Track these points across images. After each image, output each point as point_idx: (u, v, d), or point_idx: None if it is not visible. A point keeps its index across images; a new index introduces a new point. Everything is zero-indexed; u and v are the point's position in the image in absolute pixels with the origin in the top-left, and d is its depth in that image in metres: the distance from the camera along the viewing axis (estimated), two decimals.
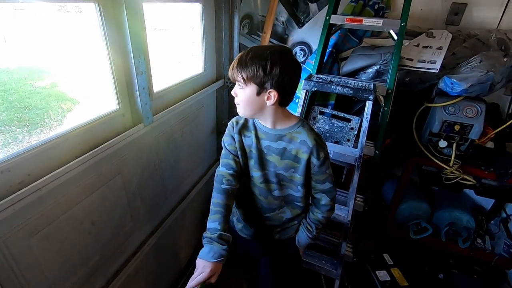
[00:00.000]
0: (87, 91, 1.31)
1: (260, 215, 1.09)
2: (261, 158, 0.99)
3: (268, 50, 0.83)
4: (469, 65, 1.44)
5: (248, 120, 1.00)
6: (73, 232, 0.94)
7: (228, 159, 1.02)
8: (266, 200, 1.04)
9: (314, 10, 1.97)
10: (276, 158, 0.96)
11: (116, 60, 1.00)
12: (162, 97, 1.29)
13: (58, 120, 1.21)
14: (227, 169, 1.01)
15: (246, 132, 1.00)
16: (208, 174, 1.86)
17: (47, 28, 1.08)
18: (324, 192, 1.01)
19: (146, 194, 1.29)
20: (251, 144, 0.99)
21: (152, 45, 1.18)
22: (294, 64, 0.86)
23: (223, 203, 0.95)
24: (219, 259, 0.85)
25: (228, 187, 0.98)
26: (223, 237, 0.88)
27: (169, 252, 1.64)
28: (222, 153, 1.05)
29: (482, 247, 1.86)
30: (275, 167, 0.98)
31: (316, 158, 0.93)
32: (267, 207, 1.06)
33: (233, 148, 1.01)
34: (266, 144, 0.96)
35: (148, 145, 1.25)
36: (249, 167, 1.02)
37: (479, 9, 1.68)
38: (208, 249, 0.86)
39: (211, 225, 0.91)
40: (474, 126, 1.53)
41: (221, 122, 1.93)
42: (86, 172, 0.93)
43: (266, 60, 0.81)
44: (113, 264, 1.16)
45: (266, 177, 1.00)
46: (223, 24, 1.68)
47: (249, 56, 0.82)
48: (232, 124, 1.03)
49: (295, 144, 0.94)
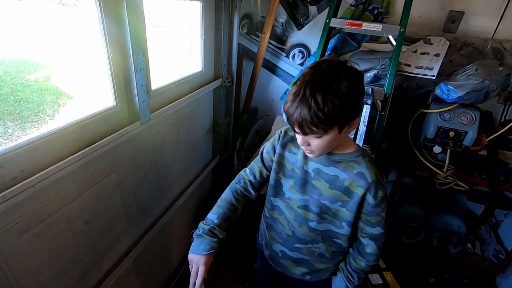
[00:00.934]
0: (82, 86, 1.28)
1: (290, 244, 0.97)
2: (305, 180, 0.87)
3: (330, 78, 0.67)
4: (465, 73, 1.46)
5: None
6: (65, 231, 0.92)
7: (256, 167, 0.97)
8: (301, 228, 0.92)
9: (313, 13, 1.97)
10: (324, 185, 0.85)
11: (114, 56, 0.98)
12: (159, 95, 1.27)
13: (51, 114, 1.18)
14: (249, 174, 0.98)
15: (293, 148, 0.89)
16: (202, 174, 1.85)
17: (43, 21, 1.05)
18: (372, 238, 0.89)
19: (140, 193, 1.27)
20: (296, 162, 0.88)
21: (151, 42, 1.16)
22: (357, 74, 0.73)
23: (230, 201, 0.94)
24: (210, 252, 0.85)
25: (241, 189, 0.96)
26: (215, 231, 0.87)
27: (162, 252, 1.62)
28: (255, 157, 0.99)
29: (472, 252, 1.88)
30: (320, 195, 0.86)
31: (373, 196, 0.81)
32: (300, 237, 0.93)
33: (269, 158, 0.93)
34: (316, 166, 0.85)
35: (144, 143, 1.24)
36: (284, 186, 0.91)
37: (475, 18, 1.70)
38: (199, 243, 0.87)
39: (210, 216, 0.92)
40: (469, 133, 1.55)
41: (218, 122, 1.92)
42: (80, 169, 0.91)
43: (341, 92, 0.66)
44: (105, 263, 1.14)
45: (307, 203, 0.88)
46: (222, 23, 1.67)
47: (319, 102, 0.65)
48: (279, 133, 0.92)
49: (350, 175, 0.82)
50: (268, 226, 1.03)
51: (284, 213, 0.94)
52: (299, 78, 0.72)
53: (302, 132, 0.72)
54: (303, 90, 0.67)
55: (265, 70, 2.21)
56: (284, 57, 2.15)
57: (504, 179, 1.54)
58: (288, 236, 0.96)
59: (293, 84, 0.75)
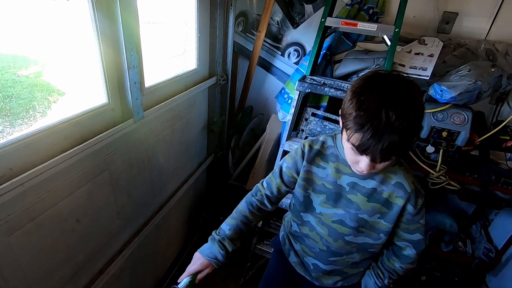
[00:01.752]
0: (75, 83, 1.26)
1: (324, 258, 0.94)
2: (338, 195, 0.83)
3: (409, 95, 0.62)
4: (458, 74, 1.48)
5: (326, 147, 0.85)
6: (56, 230, 0.91)
7: (274, 182, 0.92)
8: (336, 243, 0.88)
9: (309, 12, 1.97)
10: (362, 199, 0.81)
11: (107, 53, 0.96)
12: (153, 93, 1.26)
13: (42, 111, 1.16)
14: (266, 188, 0.94)
15: (321, 162, 0.85)
16: (197, 172, 1.84)
17: (34, 16, 1.03)
18: (411, 242, 0.86)
19: (133, 191, 1.26)
20: (326, 177, 0.84)
21: (145, 39, 1.15)
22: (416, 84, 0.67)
23: (244, 214, 0.93)
24: (212, 259, 0.86)
25: (257, 202, 0.94)
26: (225, 243, 0.87)
27: (156, 251, 1.61)
28: (273, 171, 0.94)
29: (463, 250, 1.91)
30: (358, 209, 0.82)
31: (413, 206, 0.79)
32: (335, 251, 0.90)
33: (289, 174, 0.89)
34: (351, 180, 0.81)
35: (138, 141, 1.22)
36: (314, 202, 0.87)
37: (469, 19, 1.72)
38: (209, 245, 0.88)
39: (223, 226, 0.92)
40: (461, 133, 1.56)
41: (212, 120, 1.91)
42: (72, 167, 0.89)
43: (419, 110, 0.63)
44: (97, 262, 1.13)
45: (342, 218, 0.84)
46: (217, 20, 1.66)
47: (407, 126, 0.60)
48: (302, 148, 0.86)
49: (388, 186, 0.79)
50: (297, 239, 0.99)
51: (316, 229, 0.90)
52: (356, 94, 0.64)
53: (380, 160, 0.66)
54: (384, 114, 0.59)
55: (261, 69, 2.21)
56: (279, 56, 2.15)
57: (495, 179, 1.57)
58: (321, 251, 0.92)
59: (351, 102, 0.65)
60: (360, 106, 0.63)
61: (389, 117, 0.59)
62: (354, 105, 0.64)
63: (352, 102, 0.65)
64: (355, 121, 0.63)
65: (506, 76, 1.45)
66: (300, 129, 1.67)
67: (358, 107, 0.63)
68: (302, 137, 1.65)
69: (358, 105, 0.63)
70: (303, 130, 1.66)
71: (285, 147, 1.55)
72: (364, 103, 0.62)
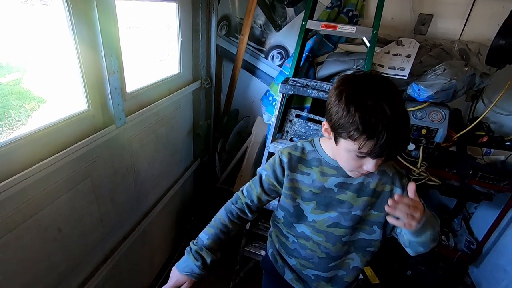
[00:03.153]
0: (55, 90, 1.24)
1: (324, 266, 0.91)
2: (328, 198, 0.82)
3: (395, 92, 0.65)
4: (434, 73, 1.53)
5: (306, 152, 0.83)
6: (36, 240, 0.88)
7: (254, 191, 0.88)
8: (334, 247, 0.86)
9: (291, 15, 2.00)
10: (352, 196, 0.81)
11: (86, 59, 0.95)
12: (136, 98, 1.25)
13: (22, 119, 1.13)
14: (246, 196, 0.89)
15: (305, 169, 0.82)
16: (183, 177, 1.83)
17: (12, 21, 1.01)
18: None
19: (118, 198, 1.24)
20: (312, 183, 0.82)
21: (126, 44, 1.14)
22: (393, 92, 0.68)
23: (223, 222, 0.89)
24: (188, 273, 0.83)
25: (237, 211, 0.90)
26: (203, 253, 0.84)
27: (143, 258, 1.59)
28: (253, 179, 0.90)
29: (446, 244, 1.97)
30: (351, 207, 0.81)
31: (400, 187, 0.80)
32: (334, 255, 0.88)
33: (270, 182, 0.86)
34: (338, 181, 0.80)
35: (121, 147, 1.21)
36: (305, 211, 0.85)
37: (443, 21, 1.79)
38: (185, 258, 0.85)
39: (201, 235, 0.88)
40: (439, 130, 1.62)
41: (198, 124, 1.91)
42: (51, 175, 0.88)
43: (402, 102, 0.65)
44: (81, 272, 1.11)
45: (337, 220, 0.83)
46: (200, 24, 1.66)
47: (405, 122, 0.64)
48: (280, 156, 0.83)
49: (373, 176, 0.80)
50: (292, 253, 0.95)
51: (312, 238, 0.88)
52: (351, 102, 0.63)
53: (387, 159, 0.67)
54: (390, 112, 0.60)
55: (245, 72, 2.22)
56: (263, 59, 2.17)
57: (472, 173, 1.63)
58: (321, 259, 0.90)
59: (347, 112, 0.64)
60: (364, 111, 0.61)
61: (395, 113, 0.60)
62: (354, 112, 0.62)
63: (348, 111, 0.63)
64: (364, 129, 0.61)
65: (479, 75, 1.51)
66: (284, 130, 1.69)
67: (362, 113, 0.61)
68: (287, 139, 1.67)
69: (360, 111, 0.62)
70: (288, 131, 1.68)
71: (270, 149, 1.57)
72: (367, 108, 0.61)
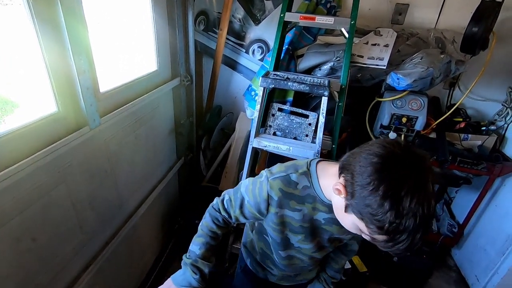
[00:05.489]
0: (28, 94, 1.17)
1: (304, 271, 1.01)
2: (314, 227, 0.83)
3: (429, 182, 0.58)
4: (412, 62, 1.55)
5: (300, 189, 0.77)
6: (8, 252, 0.84)
7: (233, 209, 0.84)
8: (311, 261, 0.94)
9: (269, 8, 1.98)
10: (336, 229, 0.82)
11: (52, 59, 0.90)
12: (110, 98, 1.20)
13: None
14: (226, 210, 0.86)
15: (297, 205, 0.79)
16: (167, 177, 1.79)
17: None
18: (355, 238, 0.93)
19: (97, 203, 1.20)
20: (302, 218, 0.80)
21: (97, 41, 1.09)
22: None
23: (211, 229, 0.87)
24: (185, 287, 0.80)
25: (221, 217, 0.87)
26: (199, 264, 0.81)
27: (129, 261, 1.55)
28: (235, 196, 0.84)
29: (429, 229, 2.03)
30: (332, 235, 0.85)
31: None
32: (314, 264, 0.98)
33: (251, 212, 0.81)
34: (327, 216, 0.79)
35: (97, 149, 1.16)
36: (292, 239, 0.86)
37: (419, 10, 1.81)
38: (182, 272, 0.82)
39: (192, 247, 0.85)
40: (419, 118, 1.65)
41: (180, 122, 1.87)
42: (21, 183, 0.83)
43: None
44: (61, 281, 1.06)
45: (320, 244, 0.87)
46: (176, 20, 1.61)
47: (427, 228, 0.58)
48: (269, 193, 0.77)
49: None
50: (276, 266, 0.99)
51: (297, 257, 0.92)
52: (385, 193, 0.55)
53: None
54: (421, 219, 0.55)
55: (226, 67, 2.19)
56: (244, 53, 2.14)
57: (452, 159, 1.67)
58: (303, 267, 0.98)
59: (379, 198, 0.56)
60: (397, 215, 0.55)
61: (426, 219, 0.56)
62: (386, 211, 0.55)
63: (382, 205, 0.56)
64: (388, 230, 0.57)
65: (455, 62, 1.54)
66: (268, 125, 1.67)
67: (395, 216, 0.55)
68: (270, 133, 1.66)
69: (394, 213, 0.55)
70: (271, 125, 1.66)
71: (254, 144, 1.55)
72: (403, 213, 0.55)
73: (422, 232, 0.56)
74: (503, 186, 1.80)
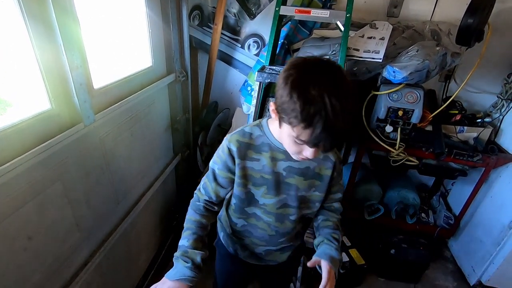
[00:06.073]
0: (22, 92, 1.15)
1: (274, 242, 0.97)
2: (278, 182, 0.85)
3: (345, 81, 0.63)
4: (408, 54, 1.55)
5: (255, 138, 0.82)
6: (3, 251, 0.83)
7: (210, 187, 0.88)
8: (282, 225, 0.92)
9: (265, 2, 1.96)
10: (299, 180, 0.85)
11: (44, 56, 0.88)
12: (105, 94, 1.19)
13: None
14: (204, 194, 0.90)
15: (255, 155, 0.82)
16: (164, 174, 1.78)
17: None
18: (336, 200, 0.96)
19: (93, 200, 1.19)
20: (262, 168, 0.83)
21: (90, 37, 1.07)
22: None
23: (195, 220, 0.88)
24: (180, 278, 0.77)
25: (201, 206, 0.90)
26: (189, 254, 0.80)
27: (127, 258, 1.54)
28: (207, 173, 0.88)
29: (426, 221, 2.04)
30: (297, 189, 0.86)
31: (338, 172, 0.88)
32: (283, 232, 0.94)
33: (224, 175, 0.85)
34: (286, 165, 0.83)
35: (92, 146, 1.15)
36: (256, 195, 0.87)
37: (414, 2, 1.80)
38: (173, 267, 0.81)
39: (180, 242, 0.85)
40: (415, 111, 1.65)
41: (176, 119, 1.86)
42: (14, 181, 0.82)
43: (352, 92, 0.64)
44: (58, 280, 1.06)
45: (285, 201, 0.88)
46: (170, 15, 1.59)
47: (349, 115, 0.62)
48: (228, 145, 0.82)
49: (318, 161, 0.85)
50: (244, 234, 0.98)
51: (263, 219, 0.91)
52: (294, 87, 0.62)
53: (324, 150, 0.68)
54: (330, 105, 0.58)
55: (222, 63, 2.17)
56: (239, 48, 2.12)
57: (448, 151, 1.68)
58: (271, 236, 0.95)
59: (289, 97, 0.62)
60: (305, 101, 0.60)
61: (336, 107, 0.59)
62: (296, 100, 0.61)
63: (291, 96, 0.62)
64: (302, 118, 0.61)
65: (450, 54, 1.54)
66: None
67: (302, 102, 0.60)
68: None
69: (302, 100, 0.60)
70: None
71: None
72: (309, 97, 0.60)
73: (337, 116, 0.59)
74: (499, 177, 1.82)
